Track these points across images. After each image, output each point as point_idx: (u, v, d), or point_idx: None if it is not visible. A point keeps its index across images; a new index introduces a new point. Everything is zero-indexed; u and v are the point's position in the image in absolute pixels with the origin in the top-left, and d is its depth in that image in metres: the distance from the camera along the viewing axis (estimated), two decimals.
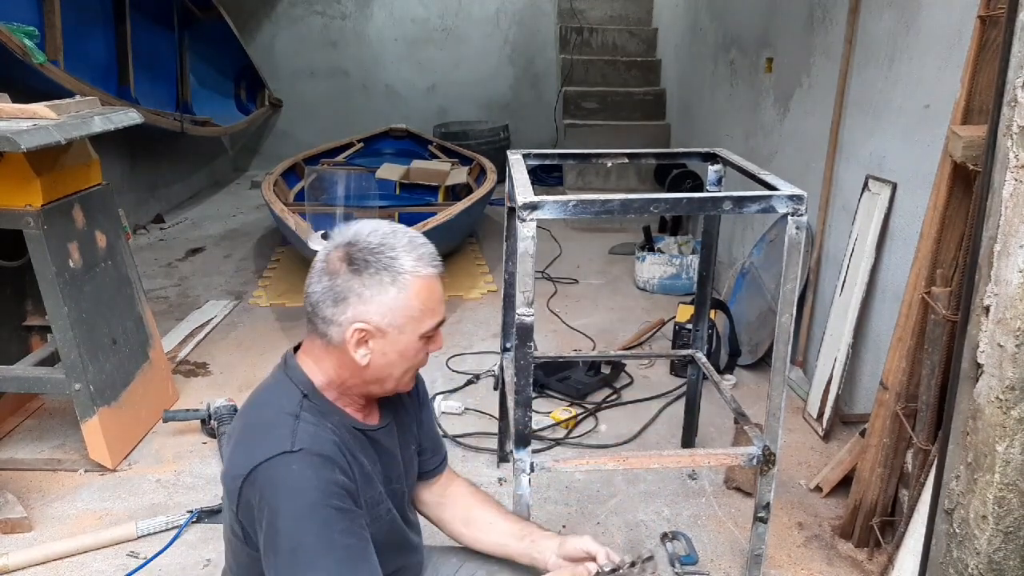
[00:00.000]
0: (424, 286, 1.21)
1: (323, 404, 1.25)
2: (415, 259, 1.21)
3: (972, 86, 1.80)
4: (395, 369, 1.24)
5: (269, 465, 1.14)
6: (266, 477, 1.14)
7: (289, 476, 1.13)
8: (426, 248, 1.24)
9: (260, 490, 1.14)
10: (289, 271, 4.36)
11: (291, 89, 7.19)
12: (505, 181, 1.95)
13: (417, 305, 1.21)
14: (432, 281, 1.23)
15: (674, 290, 4.06)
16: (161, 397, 2.80)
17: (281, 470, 1.14)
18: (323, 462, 1.16)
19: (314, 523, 1.12)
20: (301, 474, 1.14)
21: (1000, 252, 1.38)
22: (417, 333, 1.23)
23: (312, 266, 1.24)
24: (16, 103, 2.30)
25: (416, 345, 1.24)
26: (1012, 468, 1.40)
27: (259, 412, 1.26)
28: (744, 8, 3.97)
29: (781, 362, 1.69)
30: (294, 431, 1.17)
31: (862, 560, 2.06)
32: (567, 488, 2.38)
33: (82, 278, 2.39)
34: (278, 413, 1.21)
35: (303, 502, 1.13)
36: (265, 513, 1.13)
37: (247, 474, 1.15)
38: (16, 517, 2.16)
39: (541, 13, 7.12)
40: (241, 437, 1.24)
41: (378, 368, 1.23)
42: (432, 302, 1.23)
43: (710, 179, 2.18)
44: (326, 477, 1.15)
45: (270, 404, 1.25)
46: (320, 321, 1.22)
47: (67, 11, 4.23)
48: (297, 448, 1.15)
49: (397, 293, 1.19)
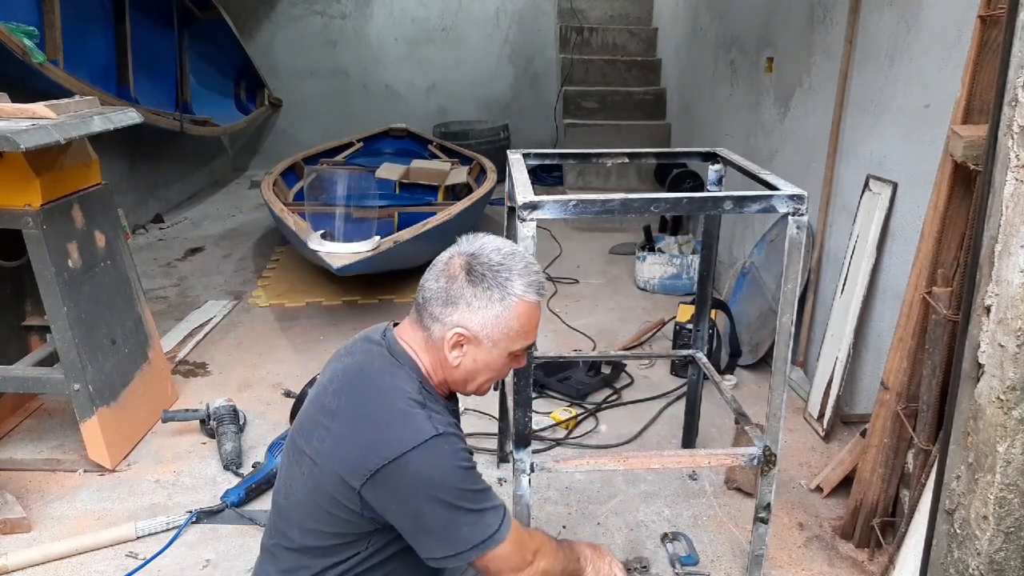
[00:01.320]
0: (527, 310, 1.34)
1: (429, 387, 1.38)
2: (525, 284, 1.33)
3: (972, 86, 1.79)
4: (480, 376, 1.38)
5: (423, 448, 1.25)
6: (417, 463, 1.25)
7: (442, 457, 1.27)
8: (538, 276, 1.36)
9: (411, 477, 1.25)
10: (288, 271, 4.36)
11: (291, 89, 7.19)
12: (505, 181, 1.95)
13: (516, 326, 1.33)
14: (535, 308, 1.35)
15: (674, 290, 4.05)
16: (160, 397, 2.80)
17: (437, 451, 1.26)
18: (458, 439, 1.32)
19: (473, 484, 1.30)
20: (453, 454, 1.28)
21: (1001, 252, 1.37)
22: (508, 350, 1.35)
23: (434, 262, 1.39)
24: (16, 103, 2.30)
25: (503, 360, 1.37)
26: (1013, 468, 1.40)
27: (383, 397, 1.33)
28: (744, 8, 3.97)
29: (782, 362, 1.69)
30: (429, 417, 1.29)
31: (863, 560, 2.05)
32: (567, 488, 2.38)
33: (81, 278, 2.38)
34: (403, 399, 1.31)
35: (462, 475, 1.28)
36: (422, 492, 1.26)
37: (390, 462, 1.24)
38: (15, 517, 2.16)
39: (541, 13, 7.12)
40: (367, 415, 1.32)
41: (465, 371, 1.37)
42: (529, 325, 1.35)
43: (710, 179, 2.17)
44: (467, 454, 1.32)
45: (392, 389, 1.33)
46: (427, 316, 1.35)
47: (67, 11, 4.23)
48: (442, 431, 1.28)
49: (502, 311, 1.32)
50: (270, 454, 2.41)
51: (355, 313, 3.81)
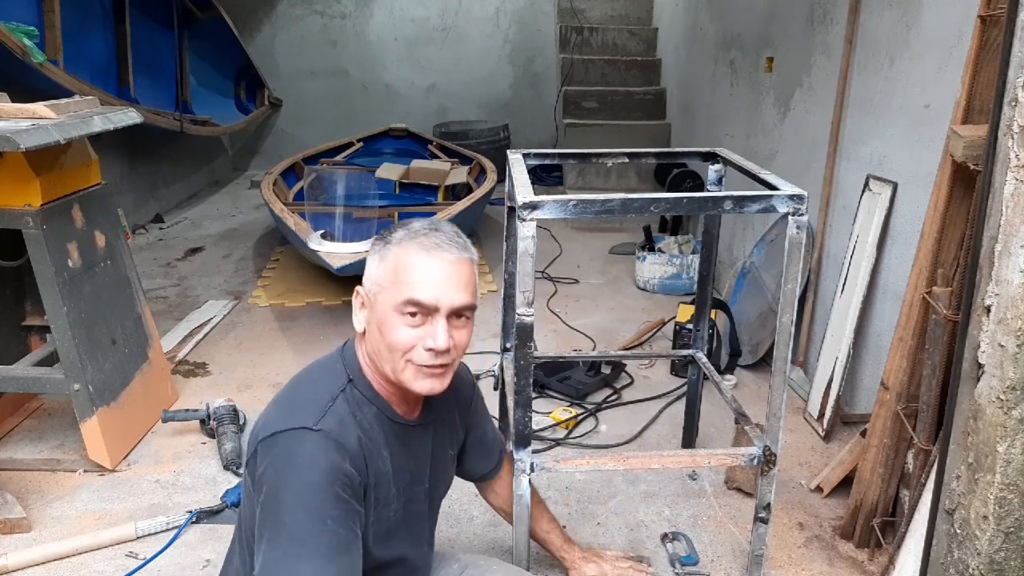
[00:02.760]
0: (404, 259, 1.24)
1: (367, 391, 1.31)
2: (407, 235, 1.26)
3: (973, 86, 1.79)
4: (380, 344, 1.26)
5: (288, 436, 1.20)
6: (281, 446, 1.20)
7: (302, 452, 1.19)
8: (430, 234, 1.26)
9: (272, 456, 1.20)
10: (288, 271, 4.36)
11: (291, 89, 7.19)
12: (505, 181, 1.95)
13: (391, 276, 1.24)
14: (416, 258, 1.23)
15: (674, 290, 4.05)
16: (160, 397, 2.80)
17: (296, 444, 1.19)
18: (336, 448, 1.20)
19: (312, 503, 1.16)
20: (312, 453, 1.18)
21: (1001, 252, 1.37)
22: (390, 303, 1.23)
23: None
24: (16, 103, 2.30)
25: (394, 320, 1.23)
26: (1013, 468, 1.40)
27: (305, 384, 1.33)
28: (744, 7, 3.97)
29: (782, 362, 1.69)
30: (323, 411, 1.23)
31: (863, 560, 2.05)
32: (567, 488, 2.38)
33: (81, 278, 2.38)
34: (319, 390, 1.28)
35: (307, 480, 1.17)
36: (269, 479, 1.19)
37: (267, 436, 1.22)
38: (15, 517, 2.15)
39: (541, 12, 7.12)
40: (279, 400, 1.32)
41: (371, 340, 1.28)
42: (407, 273, 1.23)
43: (710, 179, 2.17)
44: (336, 464, 1.19)
45: (317, 379, 1.32)
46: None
47: (67, 11, 4.23)
48: (318, 428, 1.20)
49: (379, 261, 1.26)
50: None
51: None
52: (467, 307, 1.27)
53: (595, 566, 1.87)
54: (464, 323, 1.28)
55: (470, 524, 2.19)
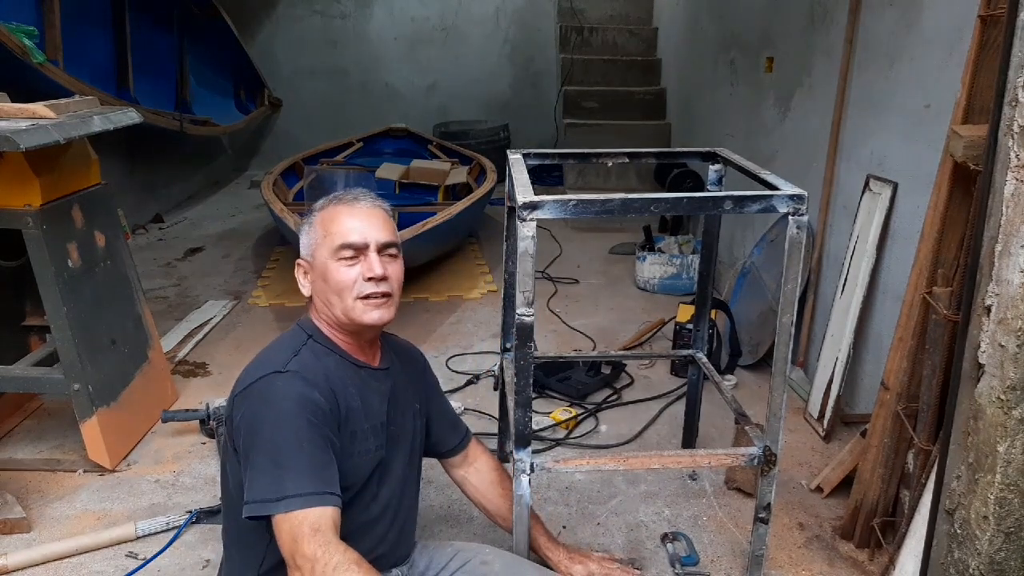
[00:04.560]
0: (326, 216, 1.46)
1: (327, 343, 1.47)
2: (325, 200, 1.49)
3: (973, 86, 1.79)
4: (329, 293, 1.44)
5: (261, 382, 1.35)
6: (256, 390, 1.35)
7: (274, 389, 1.34)
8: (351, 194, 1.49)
9: (249, 402, 1.34)
10: (288, 271, 4.35)
11: (291, 89, 7.19)
12: (505, 181, 1.94)
13: (320, 233, 1.45)
14: (335, 210, 1.46)
15: (675, 290, 4.05)
16: (160, 397, 2.80)
17: (269, 385, 1.35)
18: (305, 383, 1.35)
19: (289, 428, 1.30)
20: (283, 389, 1.34)
21: (1001, 252, 1.37)
22: (327, 255, 1.43)
23: None
24: (15, 103, 2.30)
25: (333, 266, 1.43)
26: (1013, 468, 1.40)
27: (268, 349, 1.49)
28: (744, 7, 3.97)
29: (782, 362, 1.68)
30: (289, 359, 1.39)
31: (863, 561, 2.05)
32: (567, 488, 2.38)
33: (81, 278, 2.38)
34: (282, 348, 1.44)
35: (281, 409, 1.32)
36: (247, 420, 1.33)
37: (243, 390, 1.37)
38: (15, 517, 2.15)
39: (541, 12, 7.12)
40: (248, 366, 1.45)
41: (319, 295, 1.47)
42: (334, 226, 1.44)
43: (710, 179, 2.17)
44: (305, 394, 1.34)
45: (280, 343, 1.48)
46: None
47: (67, 11, 4.23)
48: (286, 370, 1.37)
49: (309, 229, 1.48)
50: None
51: None
52: (391, 243, 1.47)
53: (582, 567, 1.83)
54: (392, 259, 1.48)
55: (470, 524, 2.19)
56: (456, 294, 4.06)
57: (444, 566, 1.64)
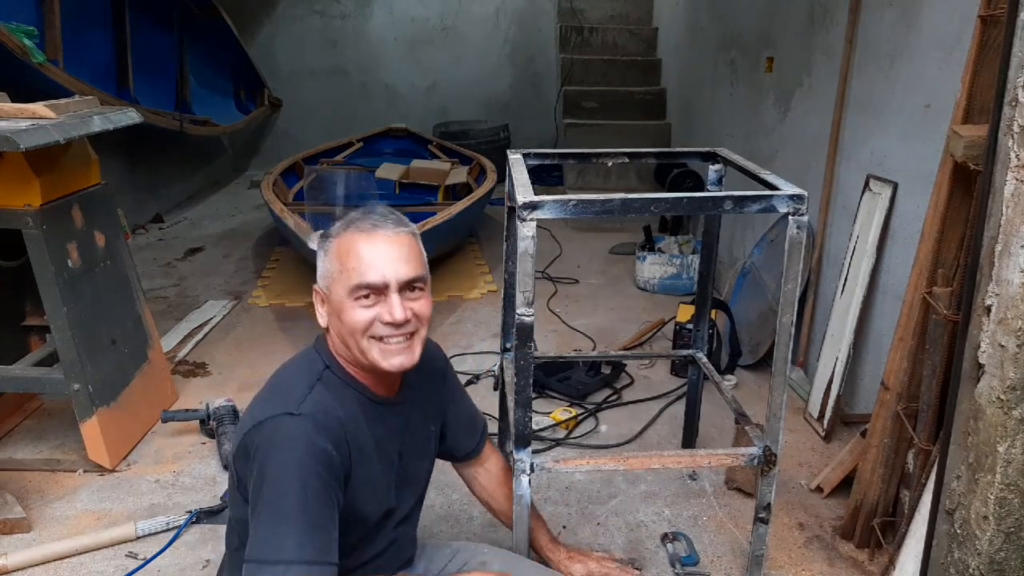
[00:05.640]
0: (342, 245, 1.30)
1: (343, 375, 1.36)
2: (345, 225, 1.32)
3: (973, 86, 1.79)
4: (343, 331, 1.31)
5: (271, 422, 1.25)
6: (266, 432, 1.25)
7: (285, 435, 1.24)
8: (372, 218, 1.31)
9: (258, 443, 1.25)
10: (288, 271, 4.36)
11: (291, 89, 7.19)
12: (505, 181, 1.94)
13: (336, 266, 1.30)
14: (351, 239, 1.29)
15: (675, 290, 4.05)
16: (160, 397, 2.80)
17: (280, 428, 1.24)
18: (317, 429, 1.25)
19: (296, 481, 1.21)
20: (295, 435, 1.24)
21: (1001, 252, 1.37)
22: (343, 292, 1.29)
23: None
24: (15, 103, 2.30)
25: (349, 305, 1.29)
26: (1013, 468, 1.40)
27: (284, 376, 1.39)
28: (744, 7, 3.97)
29: (782, 362, 1.68)
30: (303, 397, 1.28)
31: (863, 561, 2.05)
32: (567, 488, 2.38)
33: (81, 278, 2.38)
34: (298, 380, 1.34)
35: (290, 458, 1.22)
36: (257, 463, 1.24)
37: (253, 426, 1.27)
38: (15, 517, 2.15)
39: (541, 12, 7.12)
40: (261, 394, 1.37)
41: (335, 330, 1.34)
42: (350, 259, 1.28)
43: (710, 179, 2.17)
44: (317, 443, 1.24)
45: (295, 371, 1.38)
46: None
47: (67, 11, 4.23)
48: (299, 412, 1.26)
49: (325, 256, 1.33)
50: None
51: None
52: (416, 279, 1.31)
53: (581, 566, 1.84)
54: (419, 294, 1.33)
55: (470, 524, 2.19)
56: (456, 294, 4.06)
57: (443, 568, 1.64)
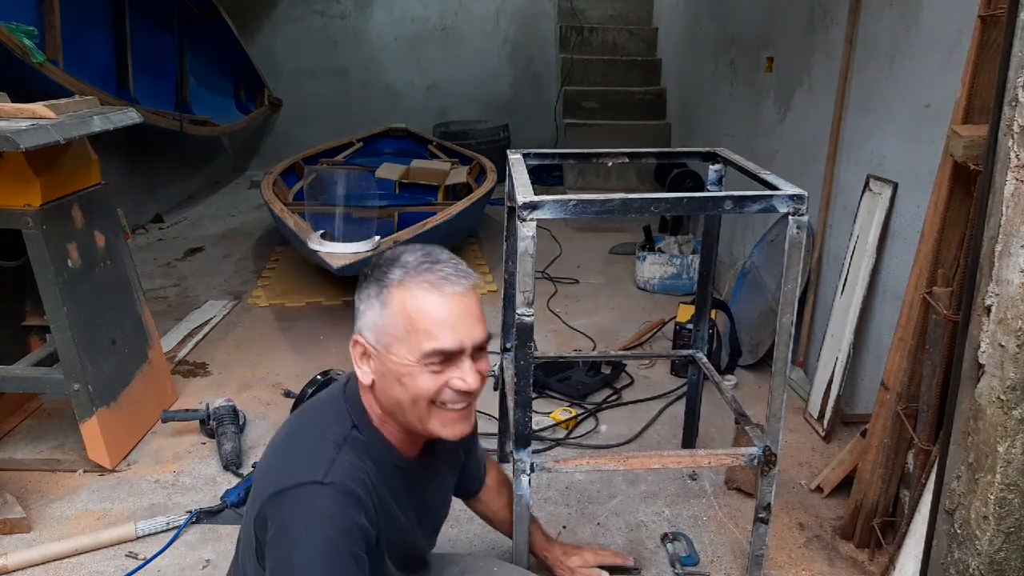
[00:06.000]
0: (408, 302, 1.13)
1: (371, 436, 1.22)
2: (406, 272, 1.14)
3: (973, 86, 1.79)
4: (401, 396, 1.16)
5: (298, 492, 1.11)
6: (292, 503, 1.11)
7: (314, 509, 1.10)
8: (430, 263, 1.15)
9: (283, 514, 1.11)
10: (288, 271, 4.36)
11: (291, 89, 7.19)
12: (505, 181, 1.94)
13: (402, 325, 1.13)
14: (423, 296, 1.13)
15: (675, 290, 4.05)
16: (160, 397, 2.80)
17: (308, 500, 1.11)
18: (351, 502, 1.13)
19: (329, 564, 1.09)
20: (327, 510, 1.11)
21: (1001, 252, 1.37)
22: (411, 355, 1.13)
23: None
24: (15, 103, 2.29)
25: (416, 371, 1.13)
26: (1013, 468, 1.40)
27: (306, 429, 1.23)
28: (744, 8, 3.97)
29: (782, 362, 1.68)
30: (331, 462, 1.14)
31: (863, 561, 2.05)
32: (567, 488, 2.38)
33: (81, 278, 2.38)
34: (323, 437, 1.19)
35: (323, 539, 1.09)
36: (281, 538, 1.11)
37: (275, 492, 1.12)
38: (15, 517, 2.15)
39: (541, 12, 7.12)
40: (281, 450, 1.22)
41: (385, 392, 1.19)
42: (422, 320, 1.12)
43: (710, 179, 2.17)
44: (351, 519, 1.12)
45: (319, 424, 1.23)
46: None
47: (67, 11, 4.23)
48: (328, 481, 1.12)
49: (380, 309, 1.14)
50: None
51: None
52: (486, 341, 1.21)
53: (577, 557, 1.89)
54: (484, 354, 1.22)
55: (470, 524, 2.19)
56: None
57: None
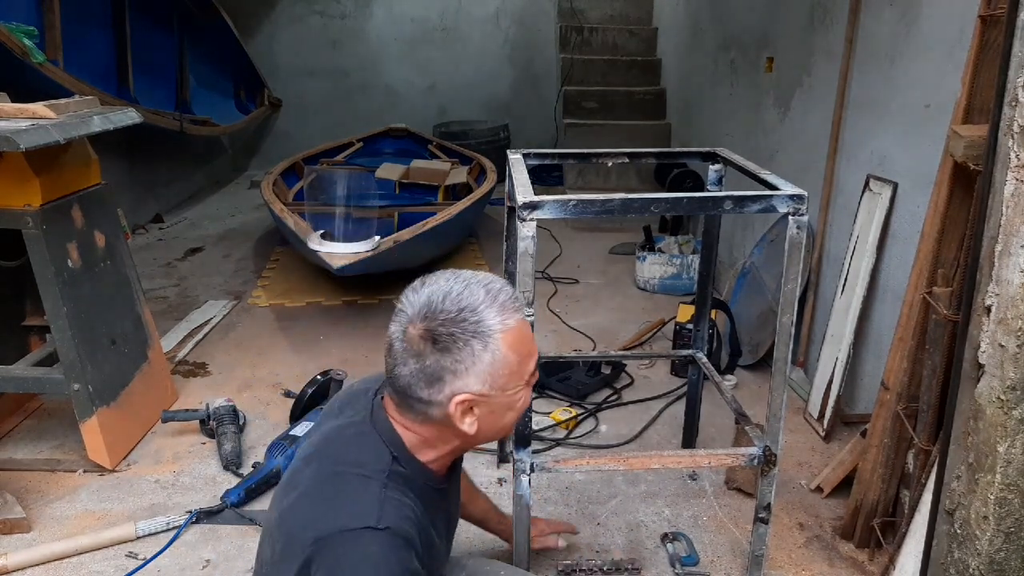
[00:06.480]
0: (516, 335, 1.17)
1: (411, 466, 1.22)
2: (498, 311, 1.16)
3: (973, 86, 1.79)
4: (507, 421, 1.23)
5: (351, 537, 1.09)
6: (344, 550, 1.09)
7: (369, 556, 1.08)
8: (505, 294, 1.18)
9: (334, 561, 1.08)
10: (288, 271, 4.36)
11: (291, 89, 7.18)
12: (505, 181, 1.94)
13: (514, 358, 1.17)
14: (522, 326, 1.19)
15: (675, 290, 4.05)
16: (160, 397, 2.80)
17: (363, 548, 1.08)
18: (406, 546, 1.11)
19: None
20: (382, 557, 1.09)
21: (1001, 252, 1.37)
22: (520, 382, 1.20)
23: (390, 343, 1.18)
24: (15, 103, 2.30)
25: (524, 391, 1.22)
26: (1013, 468, 1.40)
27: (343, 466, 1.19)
28: (744, 8, 3.97)
29: (782, 362, 1.68)
30: (381, 503, 1.12)
31: (863, 561, 2.05)
32: (567, 488, 2.38)
33: (81, 278, 2.38)
34: (364, 476, 1.16)
35: None
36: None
37: (323, 537, 1.10)
38: (15, 517, 2.15)
39: (541, 12, 7.12)
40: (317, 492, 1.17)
41: (488, 429, 1.21)
42: (526, 347, 1.19)
43: (710, 179, 2.17)
44: (405, 566, 1.10)
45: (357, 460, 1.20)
46: (416, 402, 1.18)
47: (67, 11, 4.23)
48: (383, 527, 1.10)
49: (492, 357, 1.15)
50: (270, 454, 2.41)
51: (355, 313, 3.81)
52: None
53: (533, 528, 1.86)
54: None
55: (468, 524, 2.19)
56: None
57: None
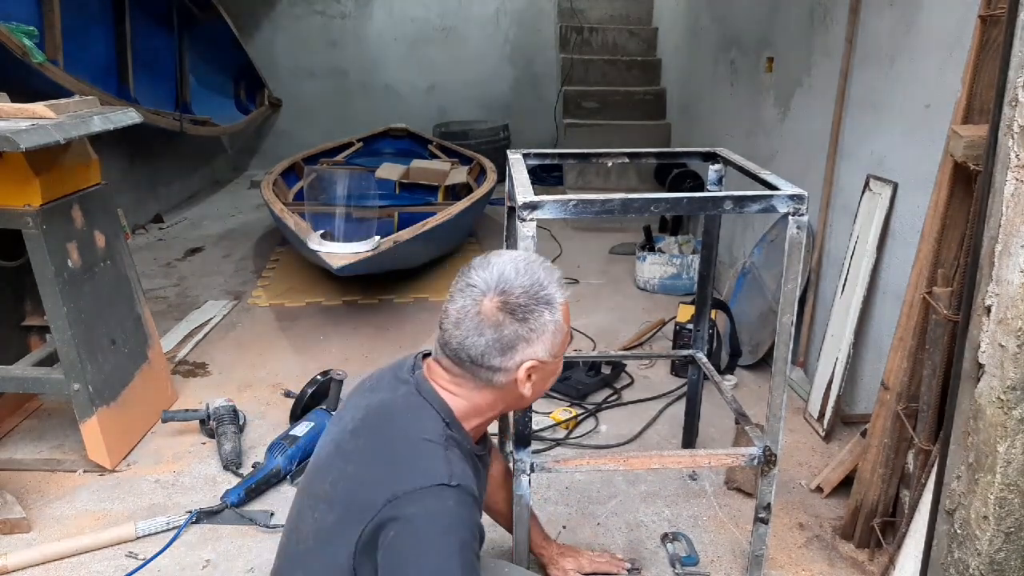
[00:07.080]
0: (567, 308, 1.30)
1: (459, 432, 1.29)
2: (558, 286, 1.28)
3: (973, 86, 1.79)
4: (547, 387, 1.34)
5: (430, 493, 1.14)
6: (424, 505, 1.14)
7: (446, 511, 1.14)
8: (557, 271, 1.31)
9: (413, 514, 1.13)
10: (288, 271, 4.36)
11: (291, 89, 7.19)
12: (505, 181, 1.94)
13: (567, 329, 1.30)
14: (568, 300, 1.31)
15: (675, 290, 4.05)
16: (160, 397, 2.80)
17: (442, 502, 1.14)
18: (474, 503, 1.20)
19: (461, 563, 1.13)
20: (457, 512, 1.15)
21: (1001, 252, 1.37)
22: (564, 351, 1.32)
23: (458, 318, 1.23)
24: (15, 103, 2.30)
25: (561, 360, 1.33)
26: (1013, 468, 1.40)
27: (402, 432, 1.25)
28: (744, 8, 3.97)
29: (782, 362, 1.68)
30: (449, 462, 1.19)
31: (863, 561, 2.05)
32: (567, 488, 2.38)
33: (81, 278, 2.38)
34: (422, 439, 1.22)
35: (456, 541, 1.14)
36: (407, 539, 1.13)
37: (400, 496, 1.14)
38: (15, 517, 2.15)
39: (541, 13, 7.12)
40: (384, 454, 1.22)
41: (535, 395, 1.32)
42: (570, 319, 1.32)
43: (710, 179, 2.17)
44: (475, 520, 1.19)
45: (415, 426, 1.25)
46: (484, 370, 1.25)
47: (67, 11, 4.23)
48: (455, 483, 1.16)
49: (555, 327, 1.27)
50: (270, 454, 2.41)
51: (355, 313, 3.81)
52: None
53: (572, 560, 1.90)
54: None
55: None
56: None
57: None
